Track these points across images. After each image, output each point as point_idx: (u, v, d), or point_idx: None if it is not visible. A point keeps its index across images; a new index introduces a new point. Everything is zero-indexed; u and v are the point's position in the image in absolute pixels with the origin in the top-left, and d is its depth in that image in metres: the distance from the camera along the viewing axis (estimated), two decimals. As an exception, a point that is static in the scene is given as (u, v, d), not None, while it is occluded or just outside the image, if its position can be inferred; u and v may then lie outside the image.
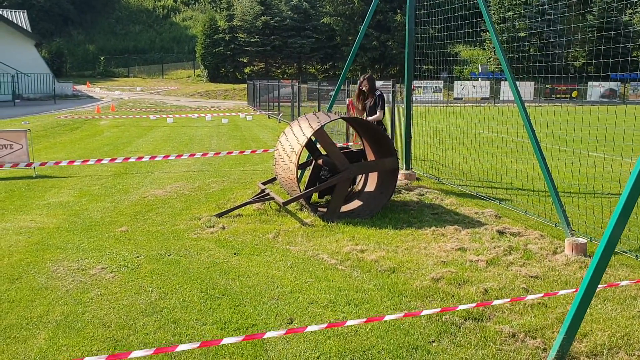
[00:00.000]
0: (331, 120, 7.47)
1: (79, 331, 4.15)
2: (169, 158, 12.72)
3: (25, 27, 38.98)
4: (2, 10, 40.18)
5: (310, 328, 3.67)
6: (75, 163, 10.71)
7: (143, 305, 4.62)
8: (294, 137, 7.54)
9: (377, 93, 8.89)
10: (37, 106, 30.33)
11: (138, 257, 5.83)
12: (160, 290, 4.93)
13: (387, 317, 3.87)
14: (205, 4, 65.53)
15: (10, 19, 37.91)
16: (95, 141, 16.53)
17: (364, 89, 8.93)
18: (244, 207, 7.81)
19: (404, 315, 3.95)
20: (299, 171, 8.53)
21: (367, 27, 10.06)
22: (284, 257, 5.88)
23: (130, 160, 12.14)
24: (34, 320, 4.34)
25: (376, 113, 8.71)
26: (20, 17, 41.30)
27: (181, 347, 3.15)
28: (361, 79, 8.94)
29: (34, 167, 10.79)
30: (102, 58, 54.82)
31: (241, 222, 7.28)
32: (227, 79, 50.47)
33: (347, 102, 10.16)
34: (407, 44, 9.94)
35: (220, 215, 7.51)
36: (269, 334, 3.53)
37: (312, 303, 4.69)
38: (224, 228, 6.98)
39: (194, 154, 13.10)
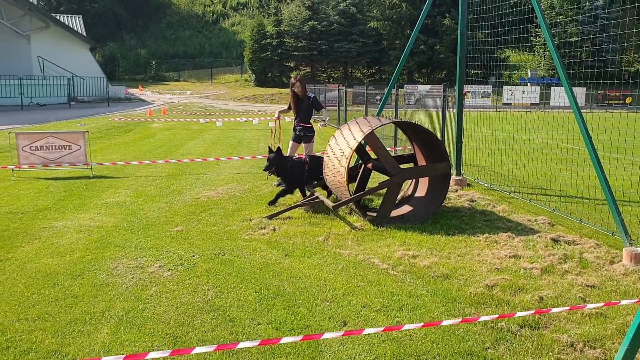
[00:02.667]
0: (382, 125, 7.48)
1: (140, 327, 4.29)
2: (220, 160, 12.97)
3: (80, 32, 40.39)
4: (59, 16, 41.74)
5: (367, 331, 3.70)
6: (131, 163, 11.01)
7: (200, 303, 4.73)
8: (344, 140, 7.57)
9: (311, 95, 9.41)
10: (91, 108, 31.35)
11: (194, 256, 5.98)
12: (216, 289, 5.04)
13: (445, 323, 3.86)
14: (253, 10, 66.41)
15: (67, 24, 39.34)
16: (148, 143, 16.98)
17: (296, 90, 9.34)
18: (293, 210, 7.90)
19: (461, 321, 3.92)
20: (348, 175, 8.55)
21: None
22: (334, 260, 5.92)
23: (182, 161, 12.44)
24: (96, 315, 4.50)
25: (311, 115, 9.34)
26: (76, 22, 42.83)
27: (241, 345, 3.22)
28: (293, 80, 9.31)
29: (91, 167, 11.17)
30: (153, 62, 56.25)
31: (291, 224, 7.36)
32: (273, 84, 51.00)
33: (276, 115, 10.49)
34: (459, 48, 9.86)
35: (271, 217, 7.61)
36: (326, 335, 3.57)
37: (364, 307, 4.71)
38: (274, 230, 7.07)
39: (243, 157, 13.32)
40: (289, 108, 10.01)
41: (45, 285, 5.14)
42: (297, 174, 8.50)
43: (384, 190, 7.59)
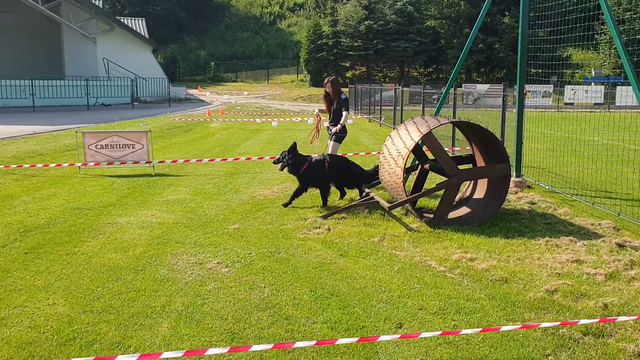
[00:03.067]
0: (440, 125, 7.38)
1: (199, 322, 4.39)
2: (275, 159, 13.10)
3: (143, 34, 41.69)
4: (123, 19, 43.24)
5: (424, 334, 3.66)
6: (190, 162, 11.29)
7: (257, 300, 4.80)
8: (401, 140, 7.51)
9: (343, 97, 9.32)
10: (153, 109, 32.31)
11: (250, 253, 6.07)
12: (272, 287, 5.11)
13: (504, 328, 3.78)
14: (310, 10, 66.80)
15: (131, 27, 40.69)
16: (207, 142, 17.36)
17: (328, 91, 9.37)
18: (348, 210, 7.89)
19: (521, 327, 3.82)
20: (405, 175, 8.48)
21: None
22: (390, 261, 5.88)
23: (239, 160, 12.65)
24: (157, 310, 4.64)
25: (341, 116, 9.12)
26: (139, 25, 44.26)
27: (298, 344, 3.25)
28: (325, 81, 9.37)
29: (153, 166, 11.51)
30: (212, 63, 57.44)
31: (346, 224, 7.36)
32: (328, 84, 51.08)
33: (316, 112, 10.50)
34: (520, 46, 9.61)
35: (325, 217, 7.63)
36: (382, 337, 3.55)
37: (421, 309, 4.66)
38: (329, 229, 7.09)
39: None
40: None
41: (109, 279, 5.34)
42: (315, 173, 8.29)
43: (441, 192, 7.49)
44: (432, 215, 7.40)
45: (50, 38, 36.55)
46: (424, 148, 8.17)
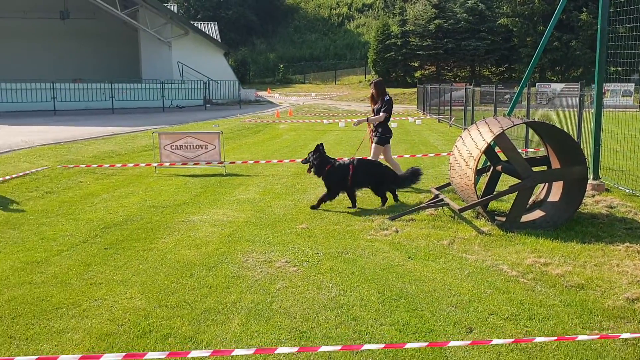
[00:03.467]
0: (514, 125, 7.17)
1: (268, 319, 4.47)
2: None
3: (216, 38, 42.83)
4: (196, 23, 44.57)
5: (496, 341, 3.57)
6: (260, 162, 11.51)
7: (324, 300, 4.84)
8: (472, 141, 7.36)
9: (386, 98, 9.47)
10: (224, 110, 33.14)
11: (318, 253, 6.12)
12: (339, 287, 5.13)
13: (581, 338, 3.62)
14: (378, 11, 66.53)
15: (204, 31, 41.90)
16: (275, 143, 17.63)
17: (373, 92, 9.66)
18: (417, 212, 7.81)
19: (600, 336, 3.66)
20: (476, 177, 8.30)
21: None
22: (460, 265, 5.77)
23: (307, 161, 12.76)
24: (228, 306, 4.75)
25: (378, 113, 9.32)
26: (212, 29, 45.51)
27: (366, 347, 3.25)
28: (370, 83, 9.49)
29: (224, 166, 11.81)
30: (281, 66, 58.29)
31: (414, 226, 7.28)
32: (397, 84, 50.73)
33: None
34: (599, 44, 9.19)
35: (393, 219, 7.58)
36: (452, 343, 3.49)
37: (492, 314, 4.55)
38: (397, 231, 7.03)
39: (366, 157, 13.37)
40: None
41: (183, 275, 5.52)
42: (338, 177, 8.19)
43: (513, 194, 7.27)
44: (504, 219, 7.20)
45: (128, 43, 38.19)
46: (496, 149, 7.96)
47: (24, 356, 3.90)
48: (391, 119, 10.19)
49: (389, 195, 8.58)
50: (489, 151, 7.88)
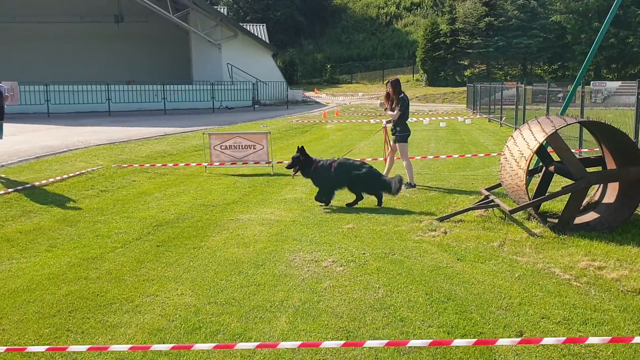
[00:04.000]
0: (567, 125, 6.98)
1: (315, 318, 4.50)
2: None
3: (264, 39, 43.28)
4: (245, 25, 45.15)
5: (546, 340, 3.48)
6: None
7: (371, 300, 4.83)
8: (524, 141, 7.19)
9: (402, 96, 9.68)
10: (272, 111, 33.45)
11: (364, 253, 6.11)
12: (386, 288, 5.10)
13: (637, 340, 3.49)
14: (427, 9, 65.77)
15: (253, 32, 42.41)
16: (322, 143, 17.69)
17: (389, 91, 9.85)
18: (466, 213, 7.69)
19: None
20: (528, 178, 8.11)
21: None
22: (510, 267, 5.66)
23: (354, 161, 12.75)
24: (276, 304, 4.81)
25: (399, 117, 9.56)
26: (261, 30, 46.00)
27: (412, 343, 3.23)
28: (386, 81, 9.74)
29: (272, 166, 11.94)
30: (328, 66, 58.35)
31: (463, 227, 7.18)
32: (445, 83, 50.04)
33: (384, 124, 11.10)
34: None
35: (442, 220, 7.49)
36: (501, 342, 3.43)
37: (543, 318, 4.44)
38: (445, 232, 6.95)
39: (413, 157, 13.26)
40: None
41: (232, 272, 5.61)
42: (321, 177, 8.48)
43: (566, 196, 7.07)
44: (556, 220, 7.01)
45: (179, 45, 39.02)
46: (549, 149, 7.76)
47: (77, 345, 4.05)
48: (440, 118, 10.06)
49: (366, 198, 8.66)
50: (541, 151, 7.68)
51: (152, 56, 39.97)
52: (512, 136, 7.68)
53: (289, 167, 8.85)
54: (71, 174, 10.86)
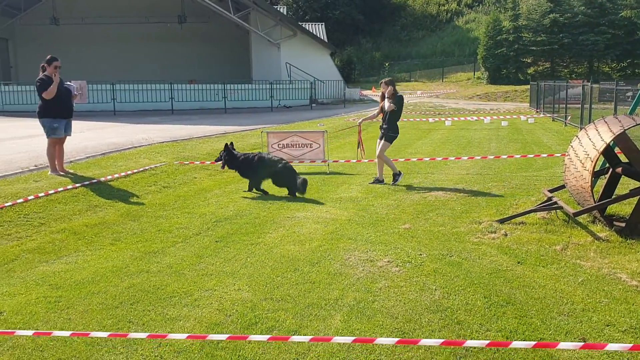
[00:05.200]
0: (636, 125, 6.67)
1: (370, 318, 4.48)
2: (448, 160, 12.87)
3: (322, 38, 43.43)
4: (304, 24, 45.44)
5: (610, 347, 3.33)
6: (362, 162, 11.55)
7: (427, 302, 4.76)
8: (590, 141, 6.92)
9: (398, 94, 10.01)
10: (329, 110, 33.53)
11: (421, 254, 6.04)
12: (443, 290, 5.03)
13: None
14: (489, 6, 64.32)
15: (311, 32, 42.64)
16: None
17: (384, 91, 10.10)
18: (527, 215, 7.47)
19: None
20: (593, 179, 7.81)
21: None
22: (573, 271, 5.46)
23: (411, 160, 12.64)
24: (331, 302, 4.82)
25: (393, 118, 9.93)
26: (319, 29, 46.18)
27: (469, 343, 3.17)
28: (381, 81, 10.21)
29: (328, 164, 11.97)
30: (386, 64, 58.01)
31: (524, 230, 6.98)
32: (507, 80, 48.79)
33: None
34: None
35: (502, 221, 7.31)
36: (562, 345, 3.32)
37: (608, 325, 4.26)
38: (506, 235, 6.78)
39: (473, 157, 13.01)
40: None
41: (287, 269, 5.66)
42: (244, 166, 9.60)
43: (635, 199, 6.76)
44: (623, 224, 6.71)
45: (240, 45, 39.70)
46: (616, 150, 7.43)
47: (137, 332, 4.19)
48: (502, 117, 9.84)
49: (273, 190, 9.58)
50: (607, 152, 7.37)
51: (213, 56, 40.84)
52: (577, 136, 7.41)
53: (216, 160, 10.06)
54: (135, 170, 11.24)
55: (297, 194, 9.30)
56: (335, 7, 62.54)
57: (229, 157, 9.71)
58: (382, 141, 10.27)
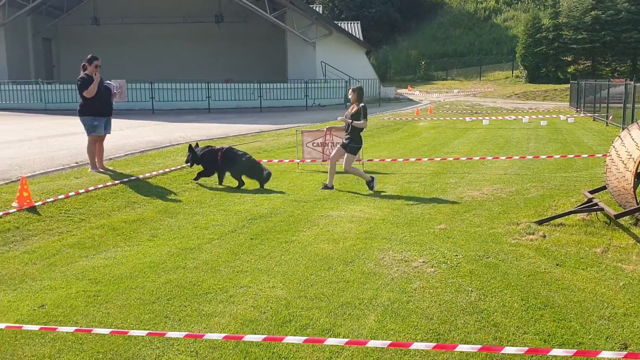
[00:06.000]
0: (683, 125, 6.44)
1: (404, 319, 4.45)
2: (485, 160, 12.68)
3: (358, 37, 43.31)
4: (340, 23, 45.38)
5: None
6: (397, 161, 11.47)
7: (463, 303, 4.70)
8: (632, 142, 6.73)
9: (362, 104, 9.83)
10: (364, 108, 33.43)
11: (457, 255, 5.96)
12: (479, 292, 4.95)
13: None
14: (528, 3, 63.16)
15: (347, 30, 42.57)
16: (414, 141, 17.46)
17: (350, 97, 10.02)
18: (567, 216, 7.30)
19: None
20: (636, 181, 7.58)
21: None
22: (615, 275, 5.32)
23: (447, 160, 12.50)
24: (365, 302, 4.80)
25: (359, 120, 9.66)
26: (355, 28, 46.07)
27: (507, 350, 3.11)
28: (349, 89, 10.13)
29: (362, 163, 11.93)
30: (422, 62, 57.51)
31: (564, 232, 6.82)
32: (547, 79, 47.80)
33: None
34: None
35: (540, 223, 7.16)
36: (604, 354, 3.23)
37: (651, 331, 4.14)
38: (544, 236, 6.64)
39: (511, 157, 12.79)
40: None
41: (321, 268, 5.67)
42: (207, 160, 10.22)
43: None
44: (668, 227, 6.50)
45: (275, 44, 39.90)
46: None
47: (174, 331, 4.25)
48: (541, 116, 9.64)
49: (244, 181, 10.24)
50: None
51: (249, 55, 41.15)
52: (619, 136, 7.21)
53: (186, 162, 10.60)
54: (172, 168, 11.41)
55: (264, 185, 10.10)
56: (372, 5, 62.32)
57: (193, 155, 10.37)
58: (346, 154, 9.72)
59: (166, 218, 7.97)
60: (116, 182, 9.78)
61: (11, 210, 7.64)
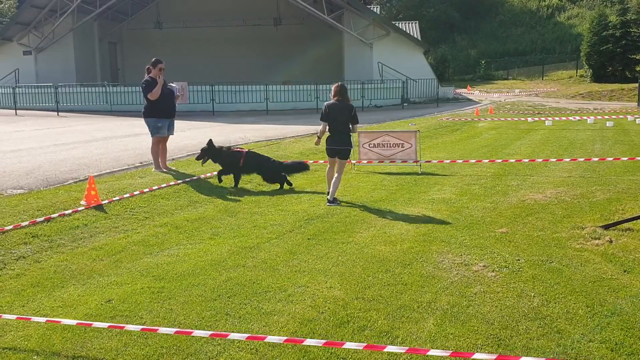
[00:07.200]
0: None
1: (464, 323, 4.38)
2: (548, 162, 12.31)
3: (416, 37, 42.88)
4: (398, 23, 45.05)
5: None
6: (456, 162, 11.29)
7: (525, 309, 4.59)
8: None
9: (352, 106, 9.55)
10: (421, 109, 33.05)
11: (519, 260, 5.83)
12: (542, 297, 4.83)
13: None
14: (594, 0, 60.88)
15: (405, 30, 42.22)
16: (473, 142, 17.13)
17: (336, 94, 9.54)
18: (635, 221, 7.00)
19: None
20: None
21: None
22: (688, 283, 5.06)
23: (508, 162, 12.21)
24: (423, 305, 4.76)
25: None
26: (413, 28, 45.66)
27: None
28: (333, 86, 9.78)
29: (420, 165, 11.82)
30: (482, 62, 56.32)
31: (632, 237, 6.55)
32: (614, 79, 45.85)
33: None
34: None
35: (607, 227, 6.90)
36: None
37: None
38: (611, 241, 6.39)
39: (576, 159, 12.37)
40: None
41: (379, 269, 5.66)
42: (230, 162, 10.11)
43: None
44: None
45: (332, 45, 40.02)
46: None
47: (237, 332, 4.33)
48: (607, 117, 9.28)
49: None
50: None
51: (306, 57, 41.43)
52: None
53: (198, 158, 10.58)
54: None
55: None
56: (430, 5, 61.59)
57: (213, 152, 10.30)
58: (342, 160, 9.10)
59: (226, 217, 8.14)
60: (179, 181, 10.06)
61: (80, 208, 7.99)
